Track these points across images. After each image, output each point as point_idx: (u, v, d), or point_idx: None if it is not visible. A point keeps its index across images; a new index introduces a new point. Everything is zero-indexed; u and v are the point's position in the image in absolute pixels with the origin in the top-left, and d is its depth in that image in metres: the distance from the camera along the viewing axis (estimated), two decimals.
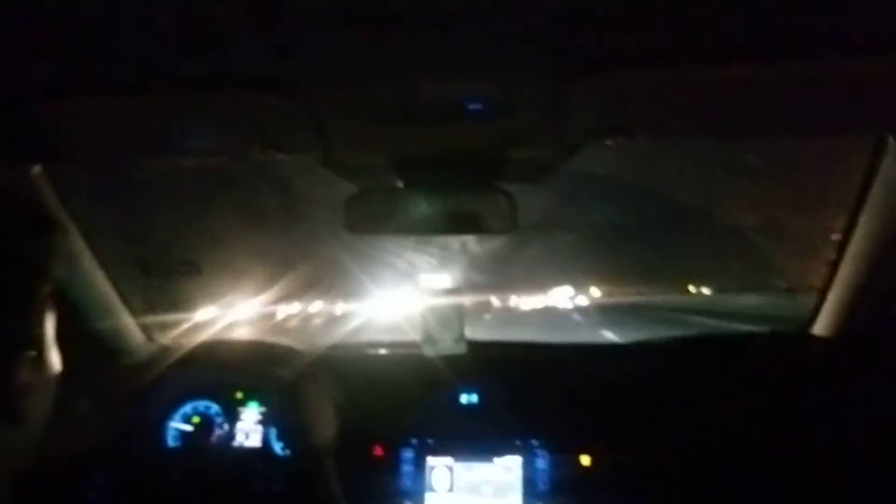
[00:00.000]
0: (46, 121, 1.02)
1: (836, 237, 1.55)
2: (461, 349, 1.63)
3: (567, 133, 1.08)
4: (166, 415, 1.59)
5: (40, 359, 0.70)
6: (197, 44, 0.79)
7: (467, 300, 1.74)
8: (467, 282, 1.69)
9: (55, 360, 0.73)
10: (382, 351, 1.84)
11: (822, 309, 1.65)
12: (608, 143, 1.13)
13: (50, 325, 0.72)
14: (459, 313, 1.65)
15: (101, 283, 1.58)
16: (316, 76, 0.88)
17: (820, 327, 1.66)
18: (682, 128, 1.09)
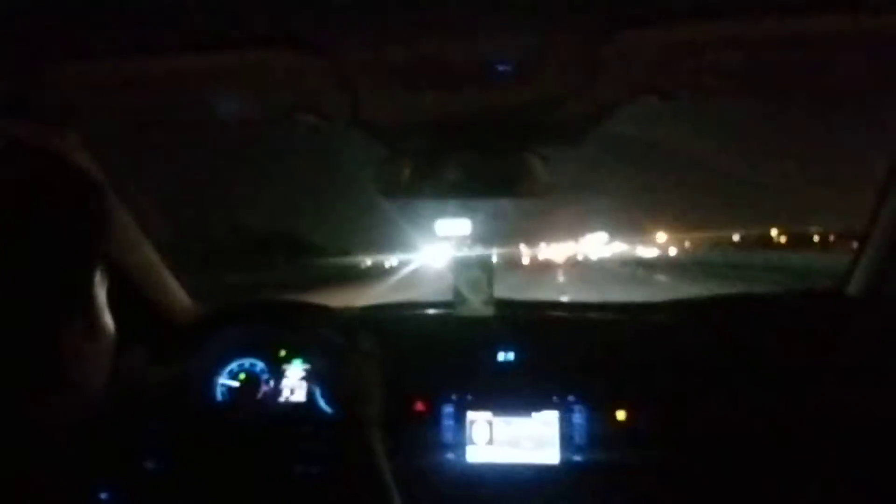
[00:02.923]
0: (75, 82, 1.01)
1: (872, 199, 1.52)
2: (490, 310, 1.66)
3: (599, 93, 1.07)
4: (214, 371, 1.66)
5: (95, 324, 0.70)
6: (228, 3, 0.79)
7: (497, 261, 1.76)
8: (497, 242, 1.72)
9: (110, 325, 0.73)
10: (419, 311, 1.88)
11: (856, 270, 1.63)
12: (642, 103, 1.12)
13: (102, 291, 0.72)
14: (489, 275, 1.68)
15: (145, 248, 1.63)
16: (344, 36, 0.88)
17: (854, 288, 1.65)
18: (722, 87, 1.06)
